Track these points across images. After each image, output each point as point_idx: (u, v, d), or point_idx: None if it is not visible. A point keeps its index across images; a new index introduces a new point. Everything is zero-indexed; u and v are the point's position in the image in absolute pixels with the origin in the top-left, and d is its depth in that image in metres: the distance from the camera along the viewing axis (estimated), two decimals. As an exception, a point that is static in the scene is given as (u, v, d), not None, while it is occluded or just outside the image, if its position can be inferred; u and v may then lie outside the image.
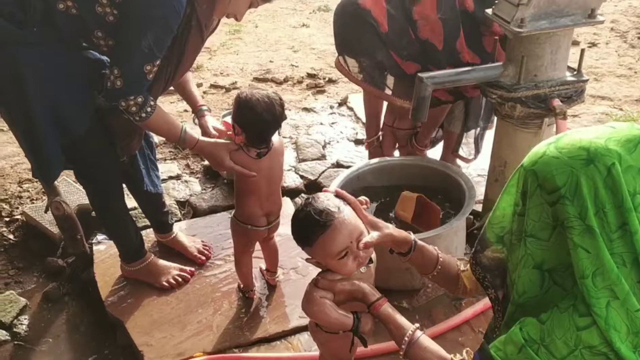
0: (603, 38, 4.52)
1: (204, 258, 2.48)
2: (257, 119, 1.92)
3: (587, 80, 2.12)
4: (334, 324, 1.47)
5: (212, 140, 2.06)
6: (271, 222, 2.17)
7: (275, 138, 2.05)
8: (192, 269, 2.42)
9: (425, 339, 1.39)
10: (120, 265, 2.39)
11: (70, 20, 1.77)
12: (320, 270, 1.54)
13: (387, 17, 2.24)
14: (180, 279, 2.36)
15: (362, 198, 1.58)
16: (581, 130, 1.12)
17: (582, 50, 2.10)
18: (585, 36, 4.54)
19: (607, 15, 4.78)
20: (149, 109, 1.85)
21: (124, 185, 2.28)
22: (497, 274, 1.30)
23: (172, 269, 2.38)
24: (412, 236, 1.56)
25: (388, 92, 2.46)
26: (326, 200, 1.47)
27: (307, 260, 1.53)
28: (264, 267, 2.41)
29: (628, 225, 1.04)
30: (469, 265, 1.43)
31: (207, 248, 2.53)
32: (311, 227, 1.43)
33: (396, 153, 2.80)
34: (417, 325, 1.41)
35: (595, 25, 2.07)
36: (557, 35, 2.00)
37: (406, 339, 1.37)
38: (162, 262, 2.40)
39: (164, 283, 2.34)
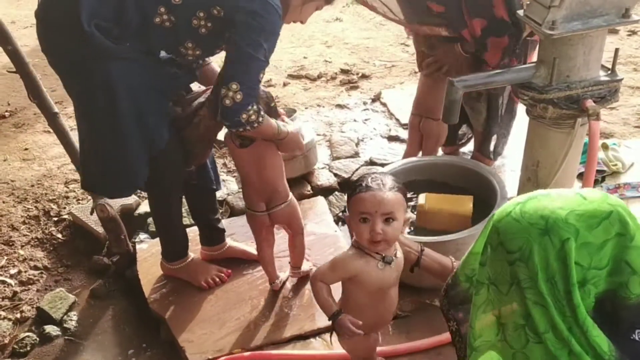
0: (643, 26, 4.41)
1: None
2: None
3: (622, 79, 2.09)
4: (319, 305, 1.72)
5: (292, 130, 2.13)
6: (271, 208, 2.24)
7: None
8: (229, 270, 2.48)
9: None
10: (160, 262, 2.47)
11: (162, 32, 1.83)
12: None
13: None
14: (217, 279, 2.43)
15: None
16: (552, 194, 1.15)
17: (617, 50, 2.07)
18: (626, 25, 4.42)
19: (648, 2, 4.66)
20: (262, 112, 1.92)
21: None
22: (460, 309, 1.35)
23: (211, 269, 2.45)
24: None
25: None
26: (385, 177, 1.67)
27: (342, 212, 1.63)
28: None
29: (572, 300, 1.07)
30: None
31: None
32: (359, 184, 1.65)
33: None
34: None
35: (630, 24, 2.04)
36: (590, 36, 1.97)
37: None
38: (202, 262, 2.48)
39: (203, 283, 2.41)
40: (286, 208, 2.27)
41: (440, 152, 2.88)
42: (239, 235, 2.67)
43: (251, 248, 2.50)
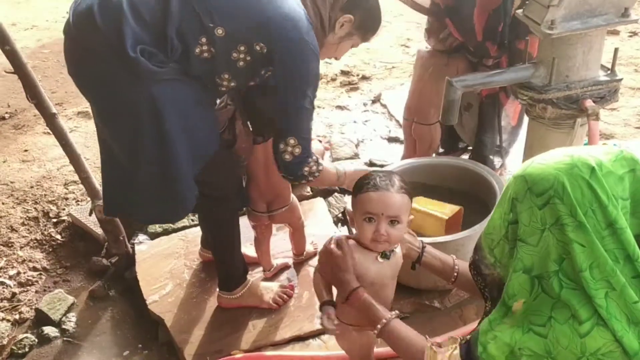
0: (644, 26, 4.40)
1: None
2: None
3: (621, 79, 2.09)
4: (315, 290, 1.74)
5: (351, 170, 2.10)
6: (271, 210, 2.25)
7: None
8: (292, 283, 2.39)
9: (398, 323, 1.53)
10: (217, 297, 2.32)
11: (201, 62, 1.78)
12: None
13: None
14: (286, 296, 2.32)
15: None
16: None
17: (616, 50, 2.06)
18: (626, 25, 4.42)
19: (649, 3, 4.65)
20: (321, 161, 1.91)
21: None
22: (494, 288, 1.35)
23: (273, 286, 2.35)
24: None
25: None
26: (397, 178, 1.66)
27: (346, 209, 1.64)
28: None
29: (616, 224, 1.11)
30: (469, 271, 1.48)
31: None
32: (367, 182, 1.62)
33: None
34: (395, 312, 1.56)
35: (628, 24, 2.03)
36: (589, 36, 1.97)
37: (384, 320, 1.54)
38: (261, 282, 2.36)
39: (272, 303, 2.29)
40: (286, 212, 2.27)
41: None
42: (243, 237, 2.64)
43: (252, 250, 2.49)
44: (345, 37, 2.01)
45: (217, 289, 2.32)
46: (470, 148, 2.87)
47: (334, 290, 1.73)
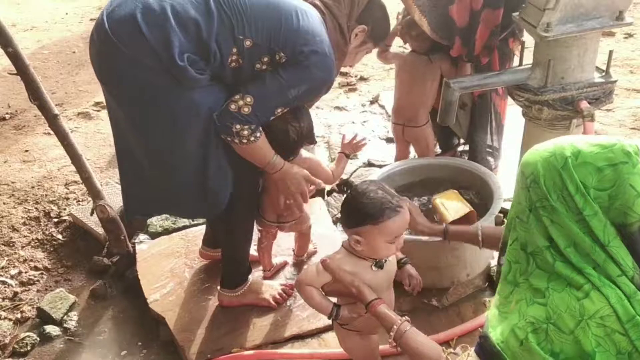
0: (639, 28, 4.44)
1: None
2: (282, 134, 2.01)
3: (616, 81, 2.13)
4: (315, 308, 1.72)
5: (290, 164, 2.08)
6: (281, 222, 2.28)
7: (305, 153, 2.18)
8: (292, 283, 2.40)
9: (414, 331, 1.56)
10: (219, 295, 2.35)
11: (231, 72, 1.85)
12: (336, 251, 1.73)
13: None
14: (285, 294, 2.35)
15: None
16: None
17: (611, 52, 2.10)
18: (619, 28, 4.46)
19: (644, 5, 4.69)
20: (258, 134, 1.89)
21: None
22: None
23: (274, 284, 2.38)
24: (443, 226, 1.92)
25: None
26: (389, 188, 1.66)
27: (350, 237, 1.65)
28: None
29: (584, 211, 1.19)
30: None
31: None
32: (384, 206, 1.59)
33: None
34: (405, 317, 1.59)
35: (623, 27, 2.07)
36: (584, 38, 2.01)
37: (395, 327, 1.56)
38: (262, 281, 2.40)
39: (272, 301, 2.32)
40: (295, 224, 2.32)
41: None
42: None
43: (252, 249, 2.51)
44: (360, 45, 2.15)
45: (219, 287, 2.34)
46: (465, 145, 2.90)
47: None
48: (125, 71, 1.81)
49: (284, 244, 2.59)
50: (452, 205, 2.31)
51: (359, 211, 1.62)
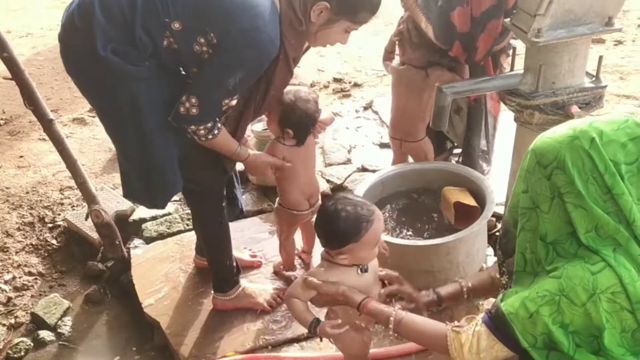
0: (629, 35, 4.48)
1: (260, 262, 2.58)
2: (303, 119, 2.14)
3: (606, 86, 2.14)
4: (296, 319, 1.73)
5: (257, 153, 2.16)
6: (313, 205, 2.35)
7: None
8: (285, 287, 2.40)
9: (410, 316, 1.56)
10: (213, 299, 2.36)
11: (171, 56, 1.83)
12: (319, 263, 1.74)
13: None
14: (279, 298, 2.35)
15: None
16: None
17: (600, 57, 2.12)
18: (611, 34, 4.51)
19: (634, 12, 4.74)
20: (216, 132, 1.90)
21: None
22: (511, 261, 1.41)
23: (267, 289, 2.39)
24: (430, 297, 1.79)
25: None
26: (353, 197, 1.66)
27: (334, 258, 1.66)
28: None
29: (613, 190, 1.21)
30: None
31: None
32: (360, 222, 1.60)
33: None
34: (398, 306, 1.59)
35: (612, 32, 2.09)
36: (574, 44, 2.03)
37: (391, 318, 1.55)
38: (255, 285, 2.41)
39: (266, 305, 2.33)
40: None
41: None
42: (236, 241, 2.67)
43: (246, 255, 2.55)
44: (327, 24, 1.90)
45: (212, 292, 2.35)
46: (458, 149, 2.93)
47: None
48: (73, 65, 1.88)
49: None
50: (459, 194, 2.38)
51: (337, 235, 1.63)
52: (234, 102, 1.94)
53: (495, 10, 2.32)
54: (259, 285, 2.41)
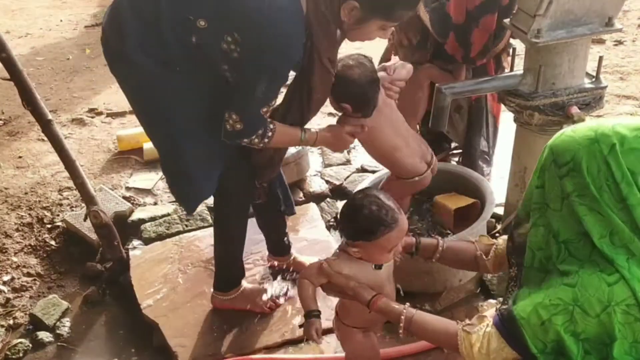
0: (630, 36, 4.48)
1: None
2: (354, 88, 1.96)
3: (606, 86, 2.15)
4: (300, 300, 1.72)
5: (326, 127, 2.07)
6: (431, 162, 2.21)
7: None
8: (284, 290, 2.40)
9: (421, 314, 1.54)
10: (211, 297, 2.36)
11: (200, 53, 1.79)
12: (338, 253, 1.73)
13: None
14: (278, 301, 2.35)
15: None
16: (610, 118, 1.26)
17: (601, 58, 2.12)
18: (611, 34, 4.50)
19: (634, 12, 4.74)
20: (269, 134, 1.87)
21: None
22: (521, 253, 1.40)
23: (266, 291, 2.38)
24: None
25: None
26: (385, 199, 1.62)
27: (344, 247, 1.68)
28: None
29: (627, 200, 1.17)
30: (499, 240, 1.59)
31: None
32: (377, 225, 1.58)
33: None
34: (407, 304, 1.58)
35: (612, 33, 2.09)
36: (574, 44, 2.03)
37: (402, 317, 1.53)
38: (256, 286, 2.40)
39: (264, 307, 2.32)
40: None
41: None
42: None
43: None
44: (358, 23, 1.80)
45: (212, 289, 2.35)
46: (456, 149, 2.92)
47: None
48: (110, 64, 1.90)
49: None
50: (453, 200, 2.38)
51: (353, 227, 1.64)
52: (272, 107, 1.89)
53: (489, 4, 2.31)
54: (259, 287, 2.40)
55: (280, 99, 1.95)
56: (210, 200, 3.01)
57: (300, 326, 1.76)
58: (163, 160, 2.09)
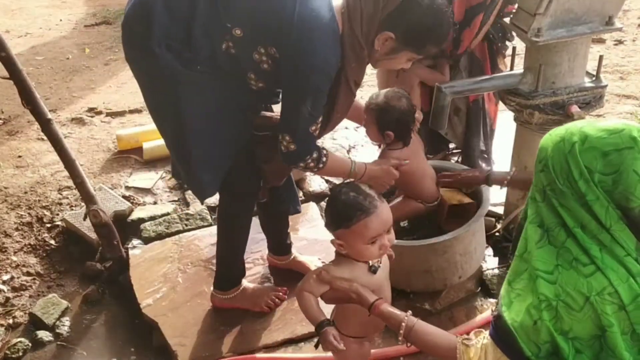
0: (630, 35, 4.48)
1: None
2: (401, 116, 2.08)
3: (606, 85, 2.15)
4: (305, 314, 1.68)
5: (374, 161, 2.13)
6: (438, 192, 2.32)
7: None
8: (285, 288, 2.40)
9: (421, 324, 1.54)
10: (211, 296, 2.36)
11: (228, 59, 1.81)
12: (333, 259, 1.71)
13: None
14: (277, 300, 2.35)
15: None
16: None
17: (601, 57, 2.12)
18: (611, 34, 4.50)
19: (634, 12, 4.74)
20: (324, 159, 1.91)
21: None
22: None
23: (267, 290, 2.39)
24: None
25: None
26: (367, 188, 1.63)
27: (332, 241, 1.66)
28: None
29: (586, 197, 1.21)
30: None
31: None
32: (354, 210, 1.58)
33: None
34: (409, 312, 1.57)
35: (612, 32, 2.09)
36: (574, 43, 2.03)
37: (403, 324, 1.53)
38: (256, 286, 2.40)
39: (264, 306, 2.32)
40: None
41: None
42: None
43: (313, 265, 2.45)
44: (390, 53, 1.83)
45: (212, 288, 2.35)
46: (454, 149, 2.91)
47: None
48: (130, 55, 1.90)
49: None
50: (452, 195, 2.37)
51: (332, 216, 1.65)
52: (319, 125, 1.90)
53: (482, 5, 2.31)
54: (258, 286, 2.40)
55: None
56: (210, 200, 3.03)
57: (316, 346, 1.74)
58: (171, 153, 2.10)
